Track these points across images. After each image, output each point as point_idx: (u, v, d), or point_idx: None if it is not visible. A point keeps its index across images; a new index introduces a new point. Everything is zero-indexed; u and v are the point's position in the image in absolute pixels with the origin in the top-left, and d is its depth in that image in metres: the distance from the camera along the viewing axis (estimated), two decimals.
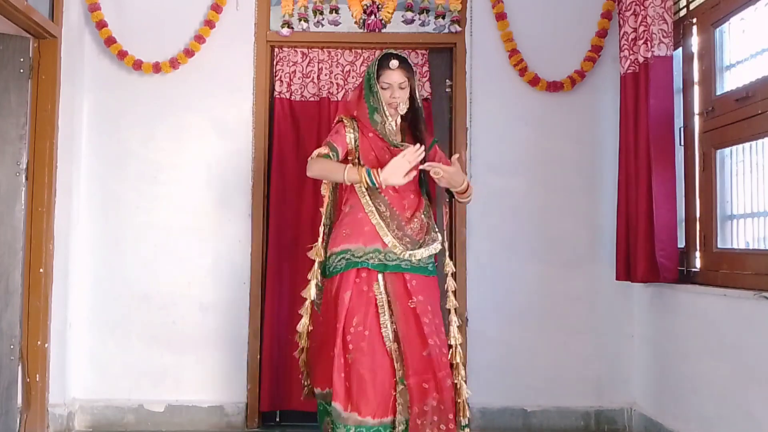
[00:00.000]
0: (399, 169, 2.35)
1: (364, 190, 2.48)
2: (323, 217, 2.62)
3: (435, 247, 2.50)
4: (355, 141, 2.53)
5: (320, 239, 2.58)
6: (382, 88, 2.49)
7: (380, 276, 2.44)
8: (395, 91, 2.48)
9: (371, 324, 2.39)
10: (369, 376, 2.33)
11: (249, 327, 3.32)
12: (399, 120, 2.58)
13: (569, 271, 3.35)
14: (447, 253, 2.59)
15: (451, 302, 2.54)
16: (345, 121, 2.57)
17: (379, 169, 2.38)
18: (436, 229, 2.56)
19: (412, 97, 2.56)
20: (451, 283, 2.56)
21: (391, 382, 2.37)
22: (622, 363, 3.30)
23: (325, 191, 2.63)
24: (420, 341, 2.37)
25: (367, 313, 2.40)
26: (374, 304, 2.42)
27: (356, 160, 2.53)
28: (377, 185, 2.37)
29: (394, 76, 2.47)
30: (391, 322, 2.41)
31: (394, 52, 2.55)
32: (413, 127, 2.59)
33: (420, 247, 2.45)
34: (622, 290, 3.29)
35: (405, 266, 2.43)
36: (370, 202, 2.47)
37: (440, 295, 2.56)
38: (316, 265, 2.56)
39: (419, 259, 2.44)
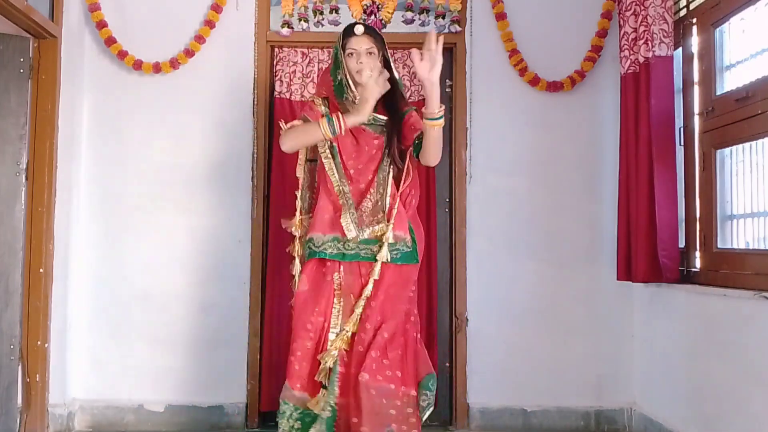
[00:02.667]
0: (371, 92, 2.30)
1: (333, 168, 2.41)
2: (297, 199, 2.59)
3: (380, 228, 2.37)
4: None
5: (297, 214, 2.58)
6: (348, 55, 2.40)
7: (341, 266, 2.40)
8: (361, 57, 2.38)
9: (328, 314, 2.38)
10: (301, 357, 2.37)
11: (249, 327, 3.32)
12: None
13: (569, 271, 3.35)
14: (391, 237, 2.39)
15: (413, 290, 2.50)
16: (316, 100, 2.50)
17: (339, 114, 2.31)
18: (386, 209, 2.40)
19: (388, 70, 2.43)
20: (376, 271, 2.37)
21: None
22: (622, 363, 3.31)
23: (300, 173, 2.59)
24: (367, 338, 2.33)
25: (328, 304, 2.38)
26: (333, 293, 2.40)
27: (331, 144, 2.44)
28: (338, 128, 2.30)
29: (359, 42, 2.39)
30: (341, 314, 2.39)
31: (364, 23, 2.49)
32: (387, 98, 2.43)
33: (362, 232, 2.37)
34: (622, 290, 3.29)
35: (364, 255, 2.38)
36: (338, 182, 2.41)
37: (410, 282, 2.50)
38: (297, 241, 2.57)
39: (379, 247, 2.35)
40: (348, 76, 2.40)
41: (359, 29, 2.39)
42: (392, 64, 2.48)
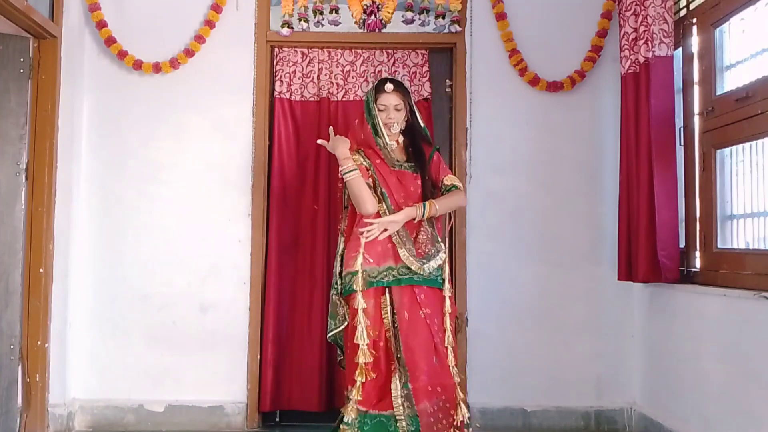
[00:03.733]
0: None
1: (384, 210, 2.65)
2: (342, 222, 2.82)
3: (441, 257, 2.64)
4: (370, 167, 2.68)
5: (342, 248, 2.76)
6: (379, 110, 2.69)
7: (387, 290, 2.59)
8: (390, 113, 2.69)
9: (381, 335, 2.59)
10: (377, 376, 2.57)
11: (249, 327, 3.32)
12: (401, 139, 2.77)
13: (569, 271, 3.35)
14: (447, 260, 2.73)
15: (447, 307, 2.68)
16: (354, 156, 2.69)
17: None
18: (439, 239, 2.70)
19: (412, 116, 2.76)
20: (447, 289, 2.69)
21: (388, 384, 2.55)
22: (622, 363, 3.30)
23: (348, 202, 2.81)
24: (430, 348, 2.55)
25: (381, 326, 2.59)
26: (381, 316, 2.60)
27: (380, 188, 2.69)
28: (345, 168, 2.62)
29: (389, 98, 2.68)
30: (394, 331, 2.56)
31: (390, 77, 2.77)
32: (411, 144, 2.77)
33: (429, 259, 2.61)
34: (622, 290, 3.29)
35: (417, 279, 2.59)
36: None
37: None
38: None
39: (430, 272, 2.59)
40: (380, 126, 2.70)
41: (389, 87, 2.68)
42: (416, 112, 2.78)
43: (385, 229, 2.59)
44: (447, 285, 2.69)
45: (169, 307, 3.33)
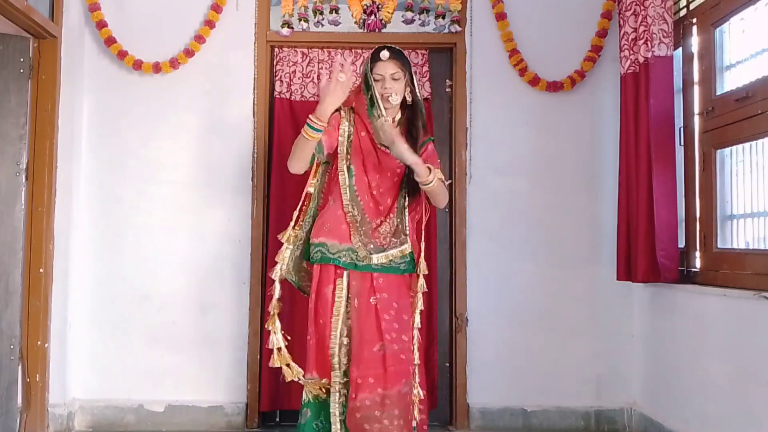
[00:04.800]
0: (331, 93, 2.32)
1: (347, 187, 2.48)
2: (311, 200, 2.62)
3: (401, 249, 2.47)
4: (349, 136, 2.51)
5: (293, 223, 2.60)
6: (375, 80, 2.46)
7: (345, 273, 2.45)
8: (386, 82, 2.44)
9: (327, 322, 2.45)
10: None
11: (249, 327, 3.32)
12: (399, 117, 2.56)
13: (569, 271, 3.35)
14: (422, 254, 2.56)
15: (418, 305, 2.53)
16: (342, 112, 2.52)
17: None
18: (407, 232, 2.52)
19: (413, 93, 2.54)
20: (421, 285, 2.54)
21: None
22: (622, 363, 3.30)
23: (312, 184, 2.63)
24: (374, 337, 2.39)
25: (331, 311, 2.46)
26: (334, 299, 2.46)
27: (345, 155, 2.51)
28: (314, 124, 2.34)
29: (386, 67, 2.45)
30: (346, 318, 2.44)
31: (389, 45, 2.53)
32: (409, 123, 2.53)
33: (383, 251, 2.45)
34: (622, 290, 3.29)
35: (375, 267, 2.45)
36: (348, 202, 2.48)
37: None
38: (285, 248, 2.58)
39: (390, 260, 2.45)
40: (377, 99, 2.46)
41: (385, 54, 2.44)
42: (417, 87, 2.55)
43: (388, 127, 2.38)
44: (422, 280, 2.53)
45: (169, 307, 3.33)
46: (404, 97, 2.51)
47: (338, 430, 2.41)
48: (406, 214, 2.54)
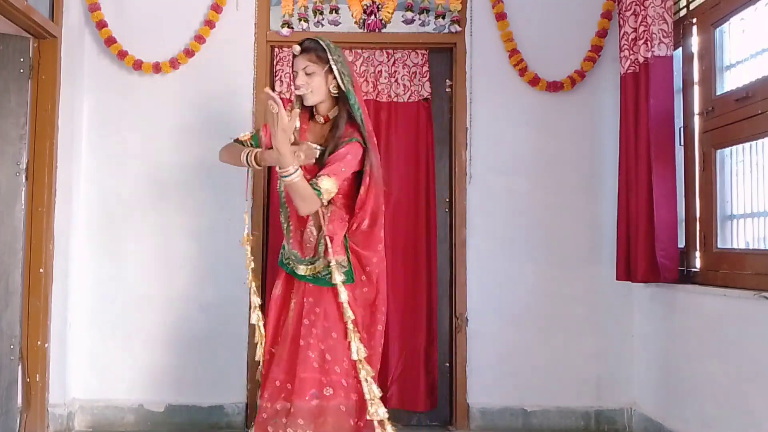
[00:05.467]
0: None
1: (279, 192, 2.42)
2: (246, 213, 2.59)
3: (317, 266, 2.29)
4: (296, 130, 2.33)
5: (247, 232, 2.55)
6: (294, 75, 2.30)
7: (284, 276, 2.43)
8: (300, 78, 2.27)
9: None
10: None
11: (249, 327, 3.31)
12: (334, 112, 2.33)
13: (569, 271, 3.35)
14: (333, 262, 2.27)
15: (347, 314, 2.25)
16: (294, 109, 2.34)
17: (258, 151, 2.28)
18: (325, 247, 2.27)
19: (339, 85, 2.28)
20: (342, 294, 2.25)
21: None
22: (622, 363, 3.30)
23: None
24: (291, 341, 2.29)
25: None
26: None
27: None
28: (250, 164, 2.28)
29: (298, 62, 2.28)
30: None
31: (314, 38, 2.31)
32: (333, 124, 2.31)
33: (304, 261, 2.32)
34: (622, 290, 3.29)
35: (301, 276, 2.34)
36: (280, 208, 2.44)
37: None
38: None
39: (315, 273, 2.30)
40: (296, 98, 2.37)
41: (296, 49, 2.28)
42: (342, 78, 2.26)
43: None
44: (342, 288, 2.25)
45: (169, 307, 3.33)
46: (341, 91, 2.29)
47: None
48: (325, 222, 2.29)
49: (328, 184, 2.19)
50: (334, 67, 2.26)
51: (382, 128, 3.44)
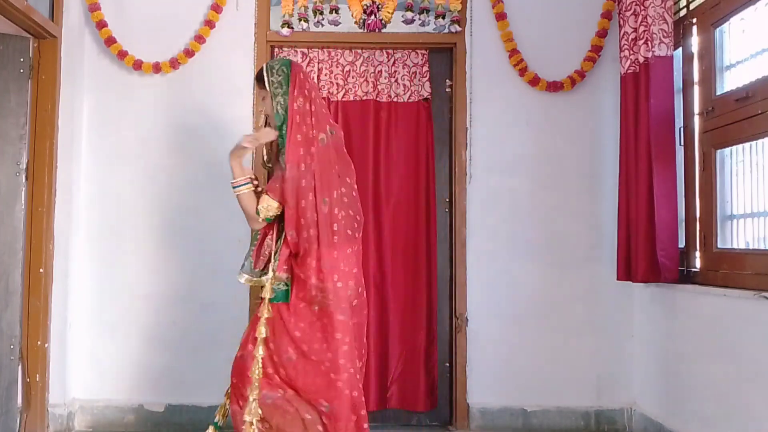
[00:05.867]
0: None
1: None
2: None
3: (265, 279, 2.45)
4: None
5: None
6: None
7: None
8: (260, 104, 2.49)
9: None
10: None
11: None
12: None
13: (569, 271, 3.35)
14: (270, 277, 2.42)
15: (260, 333, 2.41)
16: None
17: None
18: (276, 258, 2.42)
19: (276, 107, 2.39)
20: (264, 311, 2.41)
21: None
22: (622, 363, 3.30)
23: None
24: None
25: None
26: None
27: None
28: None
29: (258, 91, 2.51)
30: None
31: (270, 64, 2.42)
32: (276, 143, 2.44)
33: (254, 275, 2.50)
34: (623, 290, 3.29)
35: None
36: None
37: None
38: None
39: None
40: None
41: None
42: (277, 103, 2.36)
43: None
44: (265, 307, 2.41)
45: (169, 307, 3.33)
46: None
47: None
48: (281, 240, 2.42)
49: (265, 203, 2.37)
50: (277, 93, 2.37)
51: (382, 128, 3.44)
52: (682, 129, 2.98)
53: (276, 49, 3.48)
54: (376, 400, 3.34)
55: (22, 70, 3.03)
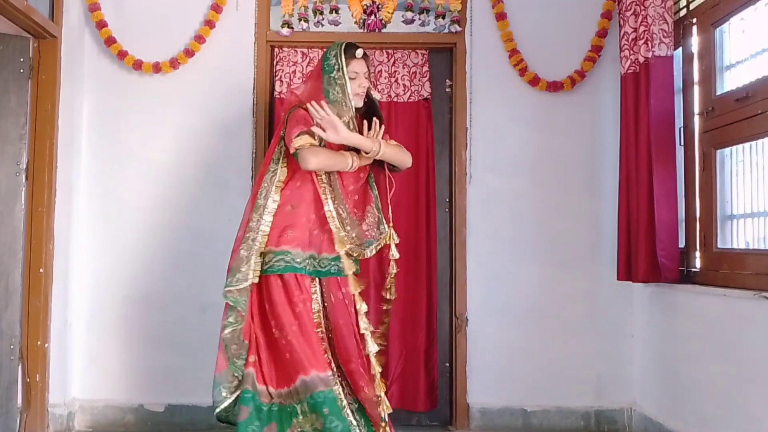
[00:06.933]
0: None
1: (327, 193, 2.44)
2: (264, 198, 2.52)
3: (381, 241, 2.51)
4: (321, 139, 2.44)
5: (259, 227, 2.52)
6: (351, 78, 2.45)
7: (317, 279, 2.46)
8: (362, 80, 2.48)
9: (307, 318, 2.41)
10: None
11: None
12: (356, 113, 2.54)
13: (569, 270, 3.35)
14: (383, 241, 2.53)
15: (360, 305, 2.43)
16: (306, 133, 2.41)
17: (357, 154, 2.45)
18: (384, 222, 2.56)
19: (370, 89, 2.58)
20: (353, 286, 2.43)
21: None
22: (622, 363, 3.30)
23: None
24: (353, 329, 2.44)
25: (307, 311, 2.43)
26: (310, 301, 2.43)
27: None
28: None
29: (362, 65, 2.47)
30: (325, 317, 2.46)
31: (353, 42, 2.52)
32: (370, 115, 2.54)
33: (369, 245, 2.48)
34: (623, 290, 3.29)
35: (334, 271, 2.44)
36: (332, 207, 2.43)
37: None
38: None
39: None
40: (348, 95, 2.45)
41: (360, 53, 2.46)
42: (370, 76, 2.56)
43: (323, 129, 2.35)
44: (352, 279, 2.42)
45: (169, 307, 3.33)
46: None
47: (354, 422, 2.36)
48: (380, 205, 2.60)
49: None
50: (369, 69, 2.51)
51: None
52: (682, 129, 2.98)
53: (276, 49, 3.48)
54: None
55: (22, 70, 3.03)
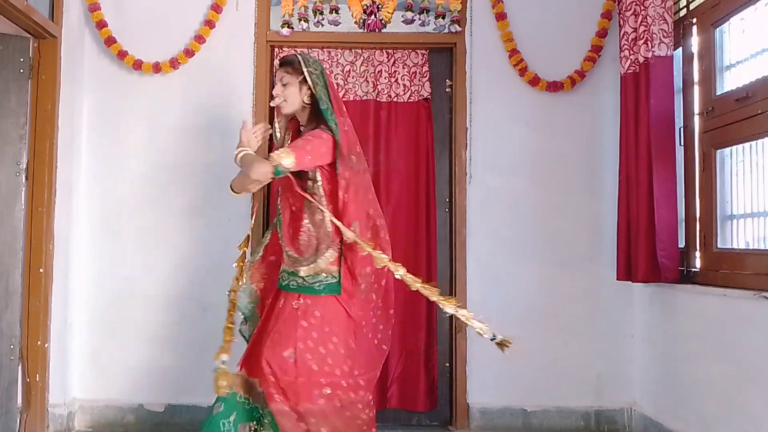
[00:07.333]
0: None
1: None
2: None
3: (317, 266, 2.34)
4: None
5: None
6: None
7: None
8: (275, 88, 2.47)
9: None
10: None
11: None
12: (300, 122, 2.53)
13: (569, 270, 3.35)
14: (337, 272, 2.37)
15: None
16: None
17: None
18: (330, 244, 2.35)
19: (315, 97, 2.40)
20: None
21: None
22: (622, 363, 3.30)
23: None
24: (288, 341, 2.33)
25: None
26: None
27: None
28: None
29: (277, 74, 2.49)
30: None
31: (295, 53, 2.51)
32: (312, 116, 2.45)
33: (303, 264, 2.37)
34: (623, 290, 3.29)
35: (293, 286, 2.39)
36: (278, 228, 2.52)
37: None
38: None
39: (304, 278, 2.35)
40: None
41: (276, 62, 2.47)
42: (315, 86, 2.39)
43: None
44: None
45: (169, 307, 3.33)
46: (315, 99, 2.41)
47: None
48: (324, 224, 2.39)
49: (283, 153, 2.30)
50: (307, 78, 2.39)
51: (382, 128, 3.44)
52: (682, 129, 2.98)
53: (276, 49, 3.48)
54: (376, 400, 3.31)
55: (22, 70, 3.03)
